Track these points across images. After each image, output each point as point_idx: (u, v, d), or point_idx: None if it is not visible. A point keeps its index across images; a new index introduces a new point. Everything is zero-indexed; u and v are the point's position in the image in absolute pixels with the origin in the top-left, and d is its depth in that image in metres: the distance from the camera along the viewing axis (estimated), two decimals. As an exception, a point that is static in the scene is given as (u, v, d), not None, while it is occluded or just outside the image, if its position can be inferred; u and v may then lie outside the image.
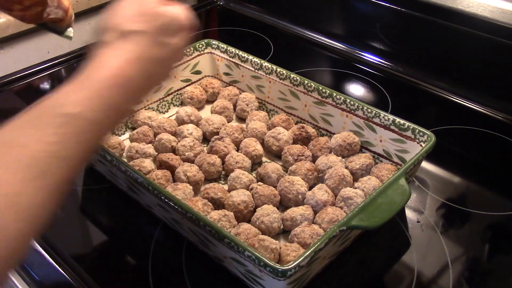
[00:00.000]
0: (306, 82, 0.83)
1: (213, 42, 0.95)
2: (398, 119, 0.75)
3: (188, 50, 0.93)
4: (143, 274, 0.65)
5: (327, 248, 0.56)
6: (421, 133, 0.72)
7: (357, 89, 1.04)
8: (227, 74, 0.96)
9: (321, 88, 0.82)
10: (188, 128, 0.83)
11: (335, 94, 0.80)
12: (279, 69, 0.87)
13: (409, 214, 0.74)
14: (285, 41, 1.20)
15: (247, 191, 0.71)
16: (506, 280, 0.66)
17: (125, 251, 0.69)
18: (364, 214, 0.58)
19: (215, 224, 0.58)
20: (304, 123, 0.85)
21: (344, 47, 1.15)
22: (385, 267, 0.68)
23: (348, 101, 0.79)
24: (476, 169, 0.85)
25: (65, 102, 0.43)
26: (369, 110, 0.77)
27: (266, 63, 0.88)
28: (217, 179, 0.78)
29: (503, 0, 0.90)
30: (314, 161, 0.78)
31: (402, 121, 0.74)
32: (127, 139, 0.84)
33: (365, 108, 0.77)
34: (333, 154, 0.78)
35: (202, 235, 0.62)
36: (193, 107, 0.89)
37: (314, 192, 0.70)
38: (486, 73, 0.97)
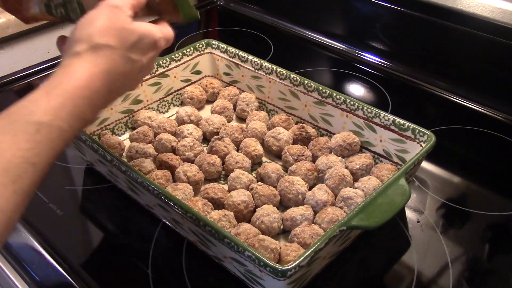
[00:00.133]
0: (306, 82, 0.83)
1: (213, 42, 0.95)
2: (398, 119, 0.75)
3: (188, 50, 0.93)
4: (143, 274, 0.65)
5: (327, 248, 0.56)
6: (421, 133, 0.72)
7: (357, 89, 1.04)
8: (227, 74, 0.96)
9: (321, 88, 0.82)
10: (188, 128, 0.83)
11: (335, 94, 0.80)
12: (279, 69, 0.87)
13: (409, 214, 0.74)
14: (285, 41, 1.20)
15: (247, 191, 0.71)
16: (506, 280, 0.66)
17: (125, 251, 0.69)
18: (364, 214, 0.58)
19: (215, 224, 0.58)
20: (304, 123, 0.85)
21: (344, 47, 1.15)
22: (385, 267, 0.68)
23: (348, 101, 0.79)
24: (476, 169, 0.85)
25: (36, 110, 0.44)
26: (369, 110, 0.77)
27: (266, 63, 0.88)
28: (217, 179, 0.78)
29: (503, 0, 0.90)
30: (314, 161, 0.78)
31: (402, 121, 0.74)
32: (127, 139, 0.84)
33: (365, 108, 0.77)
34: (333, 154, 0.78)
35: (202, 235, 0.62)
36: (193, 107, 0.89)
37: (314, 192, 0.70)
38: (486, 73, 0.97)
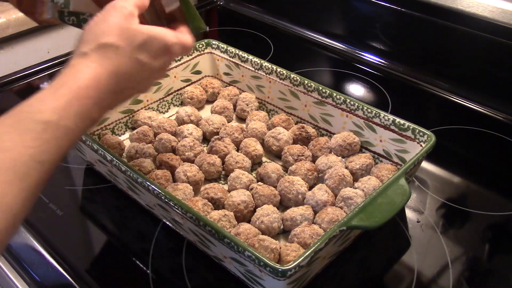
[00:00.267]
0: (306, 82, 0.83)
1: (213, 42, 0.95)
2: (398, 119, 0.75)
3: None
4: (143, 274, 0.65)
5: (327, 248, 0.56)
6: (421, 133, 0.72)
7: (357, 89, 1.04)
8: (227, 74, 0.96)
9: (321, 88, 0.82)
10: (188, 128, 0.83)
11: (335, 94, 0.80)
12: (279, 69, 0.87)
13: (409, 214, 0.74)
14: (285, 41, 1.20)
15: (247, 191, 0.71)
16: (506, 280, 0.66)
17: (125, 251, 0.69)
18: (364, 214, 0.58)
19: (215, 224, 0.58)
20: (304, 123, 0.85)
21: (344, 47, 1.15)
22: (385, 267, 0.68)
23: (348, 101, 0.79)
24: (476, 169, 0.85)
25: (43, 109, 0.45)
26: (369, 110, 0.77)
27: (266, 63, 0.88)
28: (217, 179, 0.78)
29: (503, 0, 0.90)
30: (314, 161, 0.78)
31: (402, 121, 0.74)
32: (127, 139, 0.84)
33: (365, 108, 0.77)
34: (333, 154, 0.78)
35: (202, 235, 0.62)
36: (193, 107, 0.89)
37: (314, 192, 0.70)
38: (486, 73, 0.97)
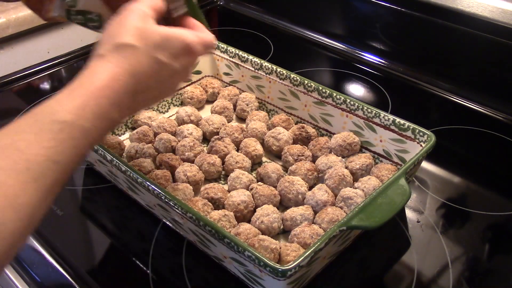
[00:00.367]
0: (306, 82, 0.83)
1: (213, 42, 0.95)
2: (398, 119, 0.75)
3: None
4: (143, 274, 0.65)
5: (327, 248, 0.56)
6: (421, 133, 0.72)
7: (357, 89, 1.04)
8: (227, 74, 0.96)
9: (321, 88, 0.82)
10: (188, 128, 0.83)
11: (335, 94, 0.80)
12: (279, 69, 0.87)
13: (409, 214, 0.74)
14: (285, 41, 1.20)
15: (247, 191, 0.71)
16: (506, 280, 0.66)
17: (125, 251, 0.69)
18: (364, 214, 0.58)
19: (215, 224, 0.58)
20: (304, 123, 0.85)
21: (344, 47, 1.15)
22: (385, 267, 0.68)
23: (348, 101, 0.79)
24: (476, 169, 0.85)
25: (60, 109, 0.44)
26: (369, 110, 0.77)
27: (266, 63, 0.88)
28: (217, 179, 0.78)
29: (503, 0, 0.90)
30: (314, 161, 0.78)
31: (402, 121, 0.74)
32: (127, 139, 0.84)
33: (365, 108, 0.77)
34: (333, 154, 0.78)
35: (202, 235, 0.62)
36: (193, 107, 0.89)
37: (314, 192, 0.70)
38: (486, 73, 0.97)
